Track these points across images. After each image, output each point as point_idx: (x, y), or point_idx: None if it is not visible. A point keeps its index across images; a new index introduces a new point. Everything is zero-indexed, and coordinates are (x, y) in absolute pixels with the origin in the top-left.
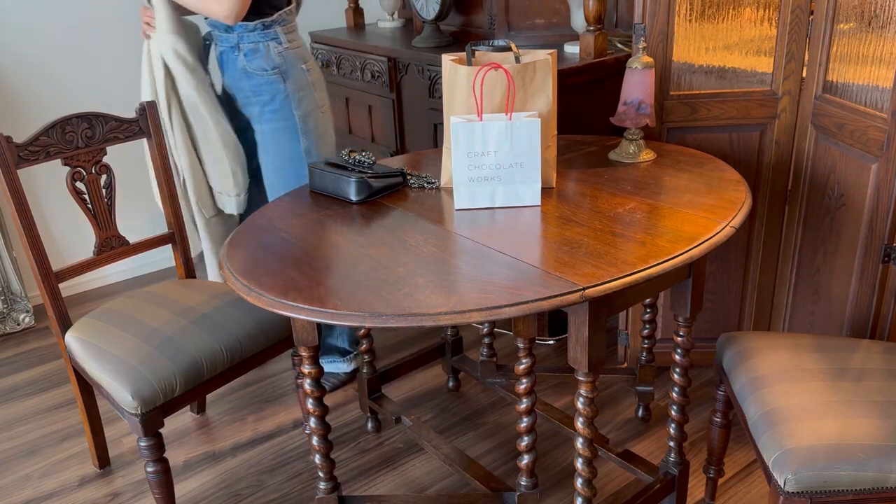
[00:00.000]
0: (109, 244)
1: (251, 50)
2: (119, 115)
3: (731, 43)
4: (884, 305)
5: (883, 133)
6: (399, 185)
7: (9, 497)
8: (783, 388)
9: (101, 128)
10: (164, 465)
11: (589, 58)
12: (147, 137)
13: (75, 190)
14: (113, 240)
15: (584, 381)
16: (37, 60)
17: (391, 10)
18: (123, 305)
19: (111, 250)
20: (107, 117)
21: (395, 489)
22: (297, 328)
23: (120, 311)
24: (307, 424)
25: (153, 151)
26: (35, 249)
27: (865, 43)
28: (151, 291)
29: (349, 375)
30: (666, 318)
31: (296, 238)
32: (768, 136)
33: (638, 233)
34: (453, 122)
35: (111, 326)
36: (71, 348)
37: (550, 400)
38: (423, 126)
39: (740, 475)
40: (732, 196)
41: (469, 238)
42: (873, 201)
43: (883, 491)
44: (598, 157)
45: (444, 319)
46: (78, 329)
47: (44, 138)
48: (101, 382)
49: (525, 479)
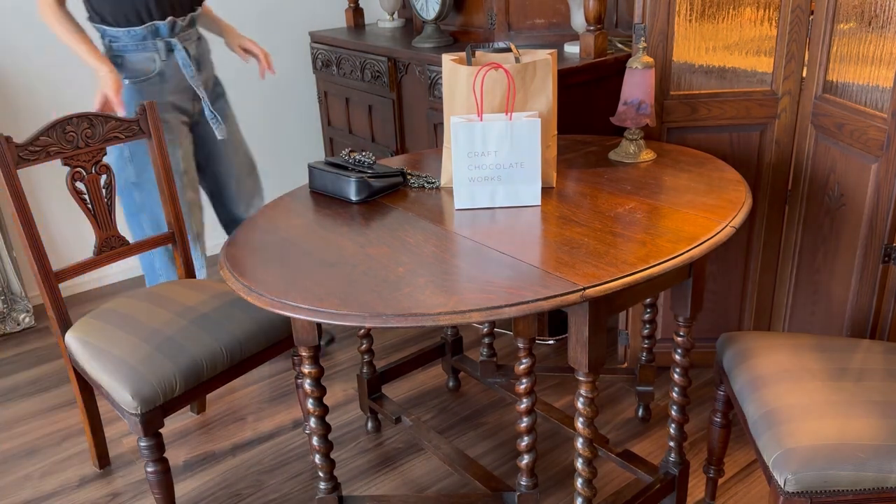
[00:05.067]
0: (109, 244)
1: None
2: (119, 115)
3: (731, 43)
4: (884, 305)
5: (883, 133)
6: (399, 185)
7: (9, 497)
8: (783, 388)
9: (102, 127)
10: (164, 465)
11: (589, 58)
12: (147, 138)
13: (75, 190)
14: (113, 239)
15: (584, 382)
16: (37, 60)
17: (391, 10)
18: (123, 305)
19: (111, 250)
20: (107, 117)
21: (395, 489)
22: (297, 328)
23: (120, 311)
24: (307, 424)
25: (153, 151)
26: (35, 250)
27: (865, 43)
28: (151, 292)
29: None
30: (666, 318)
31: (296, 238)
32: (768, 136)
33: (638, 233)
34: (453, 122)
35: (111, 326)
36: (71, 348)
37: (550, 400)
38: (423, 126)
39: (740, 475)
40: (732, 196)
41: (469, 238)
42: (873, 201)
43: (883, 491)
44: (598, 157)
45: (444, 319)
46: (78, 329)
47: (44, 138)
48: (101, 382)
49: (525, 479)
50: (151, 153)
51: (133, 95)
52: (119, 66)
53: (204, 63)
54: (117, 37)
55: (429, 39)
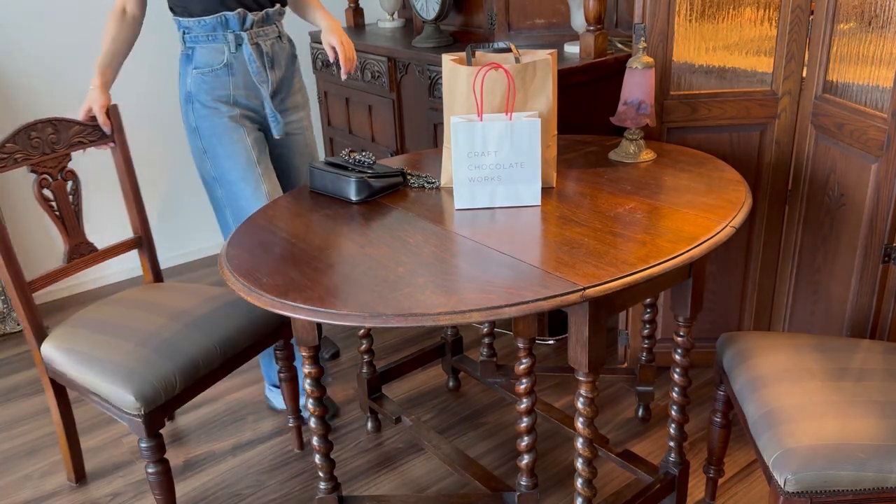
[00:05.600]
0: (79, 251)
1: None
2: (83, 120)
3: (731, 43)
4: (884, 305)
5: (883, 133)
6: (399, 185)
7: (9, 497)
8: (783, 388)
9: (66, 132)
10: (164, 465)
11: (589, 58)
12: (111, 141)
13: (43, 197)
14: (82, 246)
15: (584, 382)
16: (37, 61)
17: (391, 10)
18: (99, 313)
19: (80, 257)
20: (71, 122)
21: (395, 489)
22: (297, 328)
23: (98, 318)
24: (291, 417)
25: (116, 155)
26: (8, 260)
27: (865, 43)
28: (124, 297)
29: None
30: (666, 318)
31: (296, 238)
32: (768, 136)
33: (638, 233)
34: (453, 122)
35: (96, 333)
36: (51, 358)
37: (550, 400)
38: (423, 126)
39: (740, 475)
40: (732, 196)
41: (469, 238)
42: (873, 201)
43: (883, 491)
44: (598, 157)
45: (444, 319)
46: (57, 339)
47: (10, 145)
48: (94, 388)
49: (525, 479)
50: (115, 157)
51: (200, 86)
52: (189, 58)
53: (278, 62)
54: (190, 27)
55: (429, 39)
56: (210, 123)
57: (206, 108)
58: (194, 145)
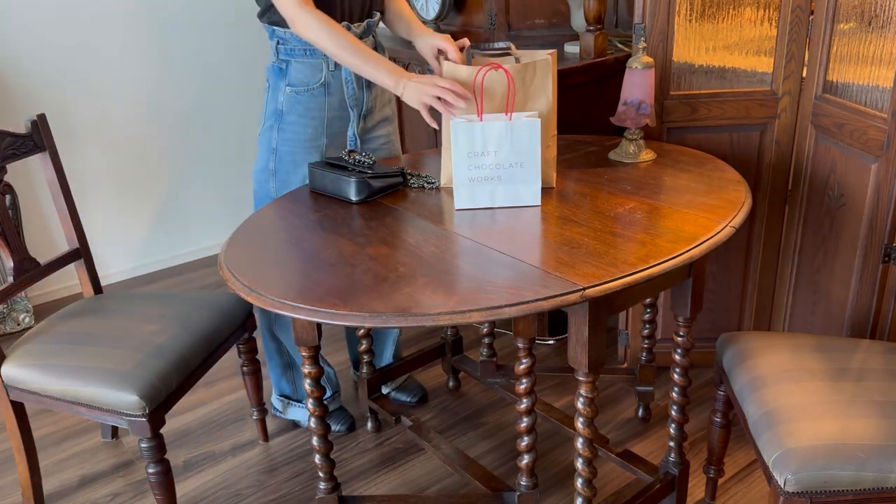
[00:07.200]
0: (24, 267)
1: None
2: (12, 131)
3: (731, 43)
4: (884, 305)
5: (883, 133)
6: (399, 185)
7: (9, 497)
8: (783, 388)
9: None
10: (165, 465)
11: (589, 58)
12: (41, 152)
13: None
14: (26, 262)
15: (584, 382)
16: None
17: None
18: (63, 327)
19: (25, 273)
20: (4, 133)
21: (395, 489)
22: (297, 328)
23: (63, 331)
24: (254, 409)
25: (47, 167)
26: None
27: (865, 43)
28: (76, 310)
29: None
30: (666, 318)
31: (296, 238)
32: (768, 136)
33: (638, 233)
34: (453, 122)
35: (72, 346)
36: (17, 377)
37: (550, 400)
38: (423, 126)
39: (740, 475)
40: (732, 196)
41: (469, 238)
42: (873, 201)
43: (883, 491)
44: (598, 157)
45: (444, 319)
46: (22, 358)
47: None
48: (86, 398)
49: (525, 479)
50: (46, 169)
51: (293, 107)
52: (283, 72)
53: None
54: (286, 38)
55: None
56: (291, 149)
57: (294, 132)
58: (264, 164)
